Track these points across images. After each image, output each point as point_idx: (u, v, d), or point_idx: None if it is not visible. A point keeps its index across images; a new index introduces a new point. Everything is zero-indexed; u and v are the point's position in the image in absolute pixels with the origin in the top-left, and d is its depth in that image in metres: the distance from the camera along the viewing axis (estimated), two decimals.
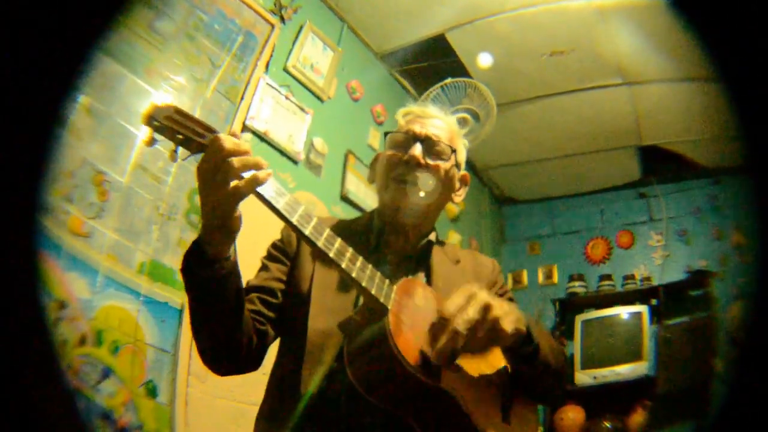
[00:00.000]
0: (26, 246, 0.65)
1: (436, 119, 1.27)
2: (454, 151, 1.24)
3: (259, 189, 0.87)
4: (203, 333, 1.02)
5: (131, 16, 1.91)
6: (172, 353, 2.02)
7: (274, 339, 1.15)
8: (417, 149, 1.19)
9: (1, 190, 0.61)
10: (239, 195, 0.87)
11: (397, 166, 1.20)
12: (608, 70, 3.44)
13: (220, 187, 0.86)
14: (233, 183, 0.86)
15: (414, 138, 1.21)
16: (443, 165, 1.22)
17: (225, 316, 0.99)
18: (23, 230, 0.64)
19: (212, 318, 0.99)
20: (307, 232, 0.90)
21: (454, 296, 0.92)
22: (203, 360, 1.07)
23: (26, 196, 0.64)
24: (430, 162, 1.20)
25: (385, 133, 1.29)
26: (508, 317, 0.93)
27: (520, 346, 1.01)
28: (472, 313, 0.88)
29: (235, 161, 0.85)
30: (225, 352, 1.04)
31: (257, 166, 0.87)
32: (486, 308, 0.90)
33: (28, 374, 0.63)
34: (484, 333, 0.89)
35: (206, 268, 0.92)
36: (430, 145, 1.21)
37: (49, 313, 1.61)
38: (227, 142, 0.86)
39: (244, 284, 1.15)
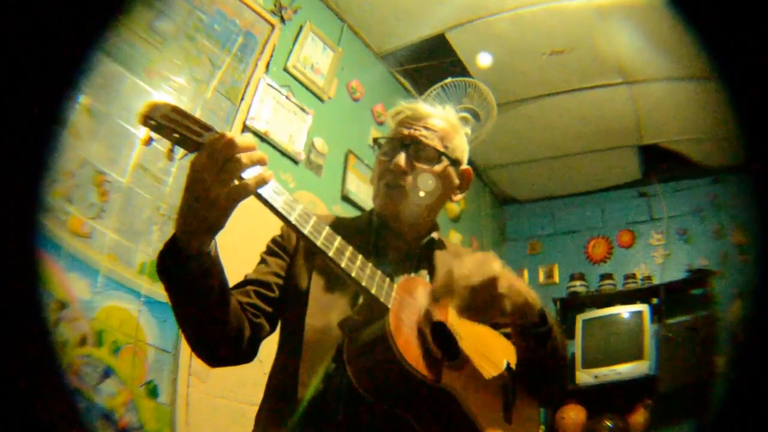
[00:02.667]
0: (26, 246, 0.65)
1: (429, 118, 1.23)
2: (443, 154, 1.20)
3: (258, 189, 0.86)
4: (189, 329, 1.01)
5: (131, 17, 1.91)
6: (173, 353, 2.02)
7: (270, 333, 1.14)
8: (401, 158, 1.17)
9: (1, 190, 0.61)
10: (245, 192, 0.85)
11: (386, 173, 1.19)
12: (608, 70, 3.43)
13: (225, 183, 0.84)
14: (246, 179, 0.84)
15: (401, 144, 1.19)
16: (433, 168, 1.19)
17: (211, 312, 0.97)
18: (23, 230, 0.64)
19: (197, 315, 0.97)
20: (306, 231, 0.89)
21: (468, 260, 0.94)
22: (193, 352, 1.06)
23: (26, 197, 0.64)
24: (420, 166, 1.18)
25: (374, 139, 1.27)
26: (515, 296, 0.94)
27: (533, 326, 1.02)
28: (476, 281, 0.91)
29: (244, 157, 0.84)
30: (213, 346, 1.03)
31: (262, 162, 0.87)
32: (492, 280, 0.91)
33: (29, 375, 0.63)
34: (481, 301, 0.92)
35: (188, 264, 0.90)
36: (417, 149, 1.19)
37: (50, 314, 1.62)
38: (235, 137, 0.84)
39: (242, 277, 1.15)
